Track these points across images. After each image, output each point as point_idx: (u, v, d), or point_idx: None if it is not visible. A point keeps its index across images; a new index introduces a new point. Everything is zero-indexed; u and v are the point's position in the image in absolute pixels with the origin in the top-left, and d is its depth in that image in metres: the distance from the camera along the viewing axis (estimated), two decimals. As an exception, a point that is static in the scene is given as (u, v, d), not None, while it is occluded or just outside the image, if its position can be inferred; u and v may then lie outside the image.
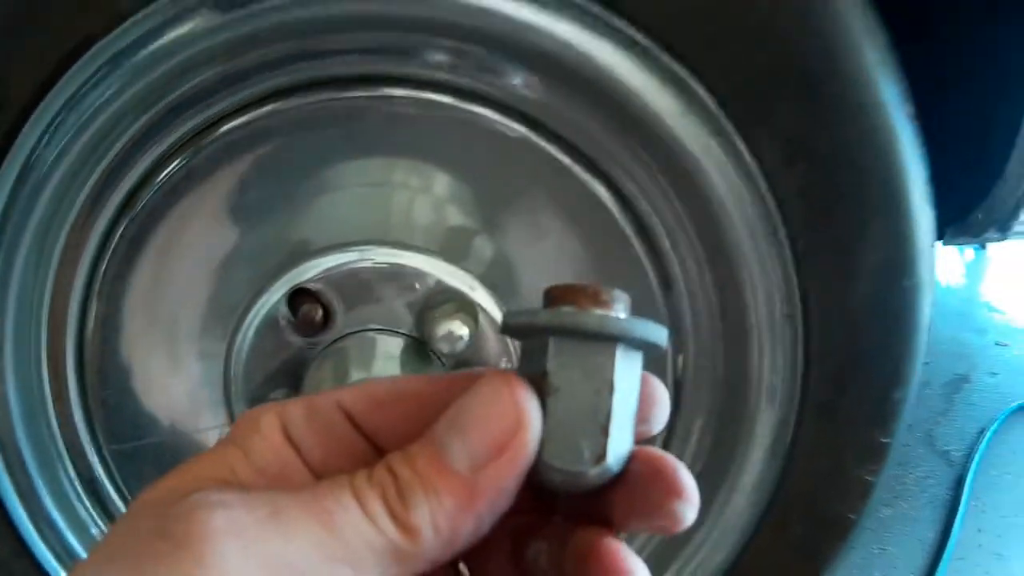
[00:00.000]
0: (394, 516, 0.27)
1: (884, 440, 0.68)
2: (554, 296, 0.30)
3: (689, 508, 0.30)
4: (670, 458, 0.31)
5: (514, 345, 0.67)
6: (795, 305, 0.64)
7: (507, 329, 0.30)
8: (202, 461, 0.30)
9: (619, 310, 0.30)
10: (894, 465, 0.69)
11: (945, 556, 1.12)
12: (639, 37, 0.56)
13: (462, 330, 0.62)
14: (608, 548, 0.30)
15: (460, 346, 0.62)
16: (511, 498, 0.29)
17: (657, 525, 0.31)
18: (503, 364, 0.68)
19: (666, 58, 0.56)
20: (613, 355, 0.29)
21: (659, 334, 0.30)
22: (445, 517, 0.28)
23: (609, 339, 0.29)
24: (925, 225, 0.61)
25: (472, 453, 0.28)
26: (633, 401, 0.31)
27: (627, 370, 0.30)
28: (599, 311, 0.29)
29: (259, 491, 0.28)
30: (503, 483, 0.28)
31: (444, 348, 0.62)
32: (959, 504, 1.17)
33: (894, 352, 0.65)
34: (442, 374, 0.38)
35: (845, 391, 0.66)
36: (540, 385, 0.29)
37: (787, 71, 0.56)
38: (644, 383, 0.32)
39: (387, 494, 0.27)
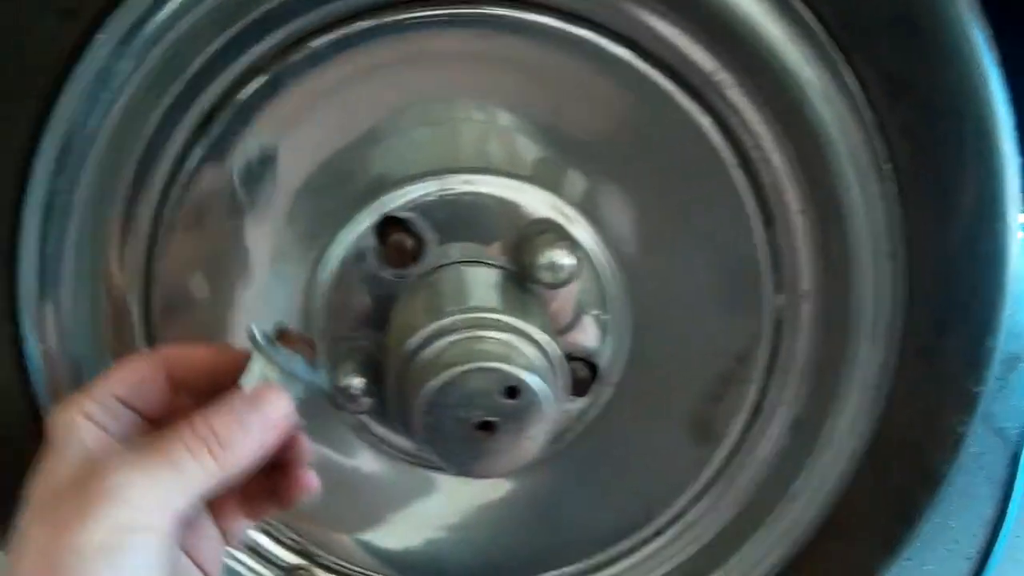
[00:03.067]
0: (214, 457, 0.45)
1: (976, 390, 0.67)
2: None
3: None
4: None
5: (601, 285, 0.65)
6: (897, 243, 0.62)
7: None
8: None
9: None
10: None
11: (1003, 533, 1.11)
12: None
13: (565, 259, 0.59)
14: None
15: (563, 275, 0.59)
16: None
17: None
18: (593, 312, 0.65)
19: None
20: None
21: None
22: (241, 458, 0.47)
23: None
24: (1014, 172, 0.60)
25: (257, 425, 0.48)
26: None
27: None
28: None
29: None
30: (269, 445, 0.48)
31: (547, 278, 0.59)
32: (1015, 481, 1.16)
33: (989, 297, 0.64)
34: (228, 348, 0.55)
35: (944, 335, 0.65)
36: None
37: (888, 3, 0.56)
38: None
39: (209, 443, 0.45)
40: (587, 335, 0.66)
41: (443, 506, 0.73)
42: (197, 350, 0.53)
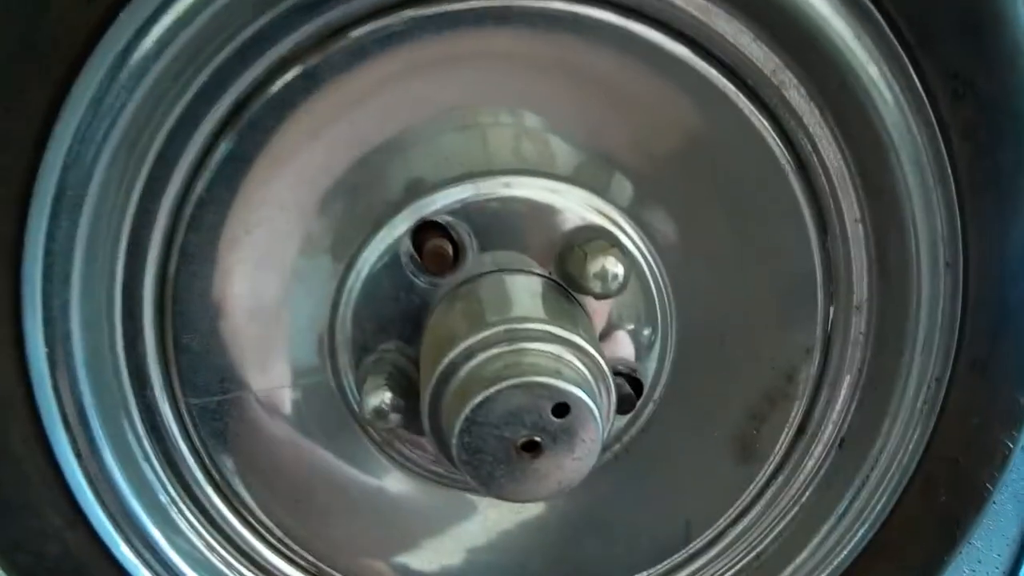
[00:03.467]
0: None
1: (1026, 402, 0.64)
2: None
3: None
4: None
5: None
6: (957, 251, 0.60)
7: None
8: None
9: None
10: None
11: (1027, 552, 1.09)
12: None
13: (617, 268, 0.55)
14: None
15: (615, 286, 0.56)
16: None
17: None
18: (639, 324, 0.62)
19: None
20: None
21: None
22: None
23: None
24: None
25: None
26: None
27: None
28: None
29: None
30: None
31: (596, 287, 0.56)
32: (1040, 499, 1.15)
33: (1044, 307, 0.61)
34: None
35: (997, 346, 0.63)
36: None
37: (955, 1, 0.54)
38: None
39: None
40: (631, 349, 0.63)
41: (474, 528, 0.70)
42: None
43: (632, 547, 0.70)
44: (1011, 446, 0.67)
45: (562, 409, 0.51)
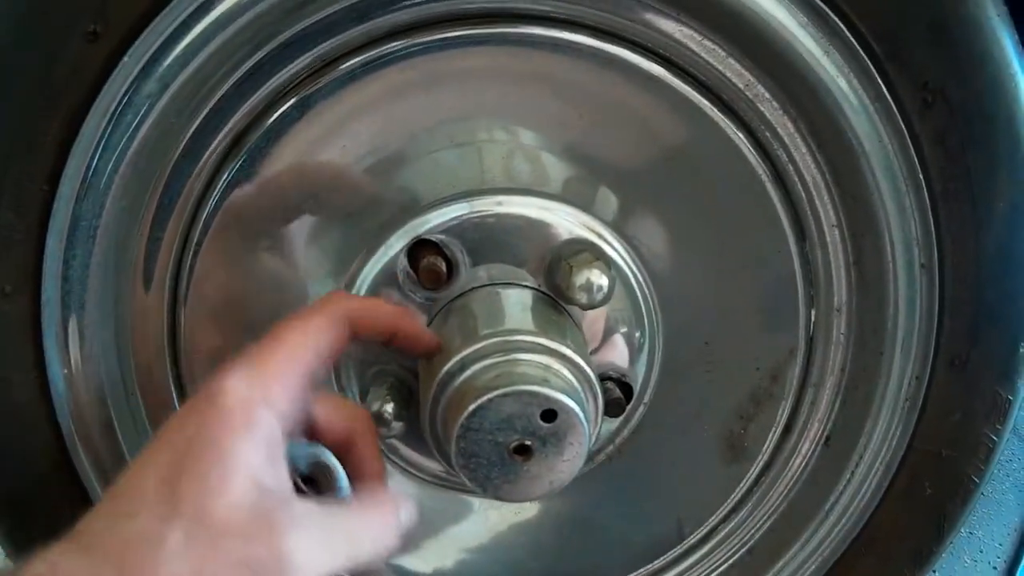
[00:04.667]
0: None
1: (1009, 397, 0.66)
2: None
3: None
4: None
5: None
6: (932, 254, 0.62)
7: None
8: None
9: None
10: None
11: (1029, 540, 1.10)
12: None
13: (601, 279, 0.58)
14: None
15: (599, 297, 0.58)
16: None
17: None
18: (626, 331, 0.65)
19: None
20: None
21: None
22: None
23: None
24: (1045, 175, 0.60)
25: None
26: None
27: None
28: None
29: None
30: None
31: (582, 299, 0.58)
32: (1041, 488, 1.15)
33: (1021, 303, 0.63)
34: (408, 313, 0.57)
35: (976, 344, 0.65)
36: None
37: (923, 11, 0.56)
38: None
39: None
40: (620, 355, 0.65)
41: (470, 528, 0.72)
42: (381, 309, 0.52)
43: (626, 545, 0.73)
44: (995, 439, 0.68)
45: (550, 415, 0.54)
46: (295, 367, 0.43)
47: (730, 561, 0.73)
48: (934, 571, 0.80)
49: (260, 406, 0.40)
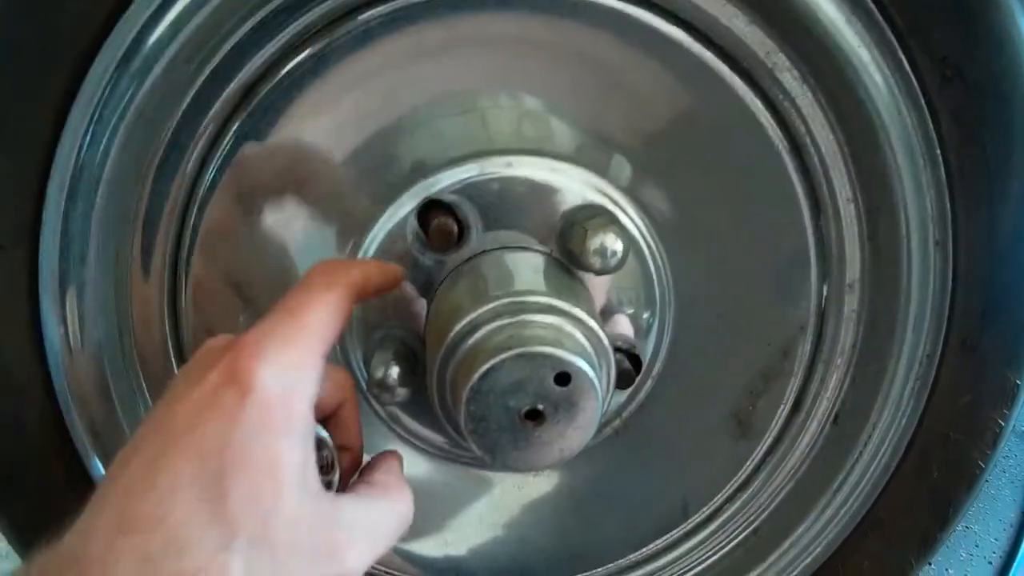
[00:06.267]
0: None
1: (1018, 381, 0.66)
2: None
3: None
4: None
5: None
6: (946, 231, 0.61)
7: None
8: None
9: None
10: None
11: None
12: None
13: (616, 244, 0.57)
14: None
15: (613, 262, 0.57)
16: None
17: None
18: (637, 301, 0.64)
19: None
20: None
21: None
22: None
23: None
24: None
25: None
26: None
27: None
28: None
29: None
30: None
31: (596, 263, 0.57)
32: (1036, 484, 1.15)
33: (1034, 286, 0.63)
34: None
35: (987, 325, 0.64)
36: None
37: None
38: None
39: None
40: (630, 326, 0.64)
41: (473, 503, 0.71)
42: (388, 270, 0.52)
43: (632, 523, 0.72)
44: (1001, 424, 0.68)
45: (564, 378, 0.52)
46: (321, 348, 0.41)
47: (736, 540, 0.72)
48: (930, 563, 0.79)
49: (298, 400, 0.37)
